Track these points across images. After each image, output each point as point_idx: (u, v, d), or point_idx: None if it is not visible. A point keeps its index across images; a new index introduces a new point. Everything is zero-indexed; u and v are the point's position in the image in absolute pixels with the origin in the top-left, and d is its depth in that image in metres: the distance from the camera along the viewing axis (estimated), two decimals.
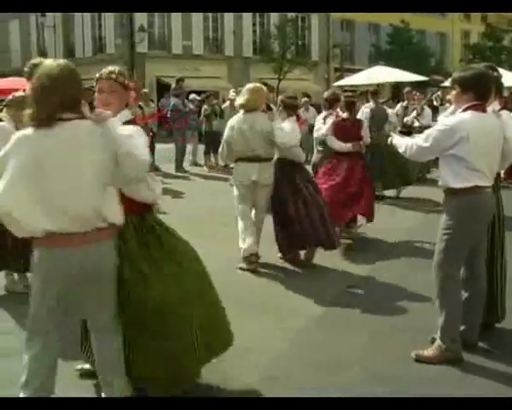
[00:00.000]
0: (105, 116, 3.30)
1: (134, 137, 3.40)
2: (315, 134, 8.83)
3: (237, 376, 4.31)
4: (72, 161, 3.19)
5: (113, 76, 3.78)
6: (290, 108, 7.11)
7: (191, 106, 15.99)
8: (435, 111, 14.46)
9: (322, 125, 8.42)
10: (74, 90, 3.24)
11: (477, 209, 4.48)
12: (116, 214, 3.40)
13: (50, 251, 3.27)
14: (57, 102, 3.15)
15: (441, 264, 4.57)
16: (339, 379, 4.30)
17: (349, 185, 7.95)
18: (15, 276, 6.18)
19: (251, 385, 4.19)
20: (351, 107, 8.34)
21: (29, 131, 3.18)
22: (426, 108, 13.83)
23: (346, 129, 8.12)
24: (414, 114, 13.51)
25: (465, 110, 4.46)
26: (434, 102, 16.45)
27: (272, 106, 11.83)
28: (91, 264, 3.33)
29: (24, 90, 6.17)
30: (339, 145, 8.00)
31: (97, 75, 3.83)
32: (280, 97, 7.51)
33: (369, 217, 8.33)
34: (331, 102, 8.56)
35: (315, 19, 37.54)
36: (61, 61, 3.35)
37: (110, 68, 3.84)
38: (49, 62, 3.31)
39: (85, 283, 3.37)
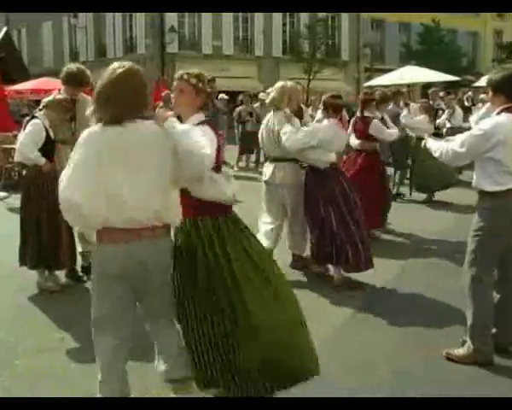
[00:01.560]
0: (164, 116, 3.34)
1: (196, 135, 3.35)
2: None
3: None
4: (132, 159, 3.24)
5: (185, 77, 3.76)
6: (333, 109, 6.62)
7: (219, 105, 15.99)
8: (467, 111, 14.34)
9: None
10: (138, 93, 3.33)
11: (510, 212, 4.44)
12: (174, 216, 3.45)
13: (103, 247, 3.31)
14: (121, 105, 3.24)
15: (471, 265, 4.56)
16: (370, 380, 4.30)
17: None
18: (46, 273, 6.29)
19: None
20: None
21: (96, 128, 3.28)
22: (457, 108, 13.71)
23: None
24: (445, 115, 13.40)
25: (499, 113, 4.42)
26: (465, 103, 16.31)
27: (303, 106, 11.86)
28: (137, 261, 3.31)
29: (59, 91, 6.31)
30: None
31: (176, 75, 3.84)
32: (323, 97, 7.09)
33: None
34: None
35: (345, 18, 37.37)
36: (125, 64, 3.37)
37: (189, 70, 3.82)
38: (113, 66, 3.35)
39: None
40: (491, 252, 4.51)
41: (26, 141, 5.94)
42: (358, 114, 8.40)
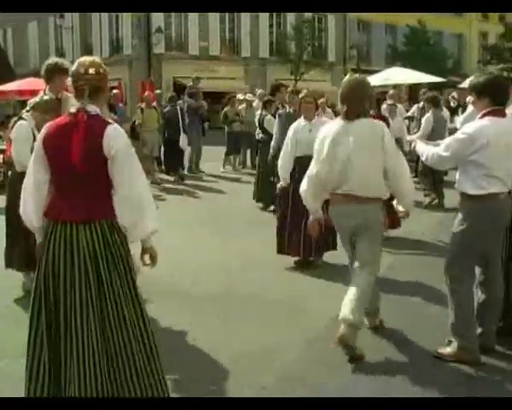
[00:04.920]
0: None
1: None
2: None
3: (253, 376, 4.34)
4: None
5: None
6: None
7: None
8: (453, 112, 14.43)
9: None
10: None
11: (490, 215, 4.47)
12: None
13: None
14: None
15: (451, 266, 4.60)
16: (356, 380, 4.31)
17: None
18: (32, 275, 6.24)
19: (266, 386, 4.21)
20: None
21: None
22: (444, 109, 13.78)
23: None
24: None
25: (483, 116, 4.47)
26: (451, 104, 16.41)
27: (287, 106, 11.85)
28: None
29: (44, 91, 6.24)
30: None
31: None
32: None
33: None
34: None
35: (331, 20, 37.48)
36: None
37: None
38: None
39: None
40: (470, 254, 4.55)
41: (22, 150, 5.83)
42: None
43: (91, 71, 3.46)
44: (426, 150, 4.84)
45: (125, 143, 3.48)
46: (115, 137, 3.41)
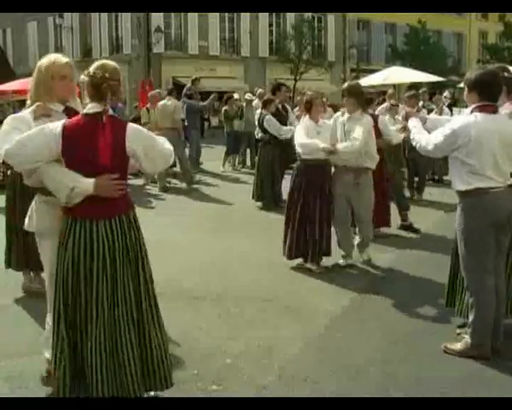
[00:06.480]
0: None
1: None
2: None
3: (253, 376, 4.33)
4: None
5: None
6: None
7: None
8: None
9: None
10: None
11: (481, 211, 4.44)
12: None
13: None
14: None
15: (465, 267, 4.59)
16: (356, 380, 4.29)
17: None
18: (32, 274, 6.24)
19: (266, 385, 4.20)
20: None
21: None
22: (445, 108, 13.79)
23: None
24: (433, 114, 13.46)
25: (473, 111, 4.47)
26: (445, 103, 16.42)
27: (287, 106, 11.87)
28: None
29: None
30: None
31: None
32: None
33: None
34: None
35: (331, 19, 37.47)
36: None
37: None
38: None
39: None
40: (477, 251, 4.50)
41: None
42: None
43: (116, 77, 3.61)
44: (417, 133, 4.88)
45: (144, 136, 3.66)
46: (138, 133, 3.61)
